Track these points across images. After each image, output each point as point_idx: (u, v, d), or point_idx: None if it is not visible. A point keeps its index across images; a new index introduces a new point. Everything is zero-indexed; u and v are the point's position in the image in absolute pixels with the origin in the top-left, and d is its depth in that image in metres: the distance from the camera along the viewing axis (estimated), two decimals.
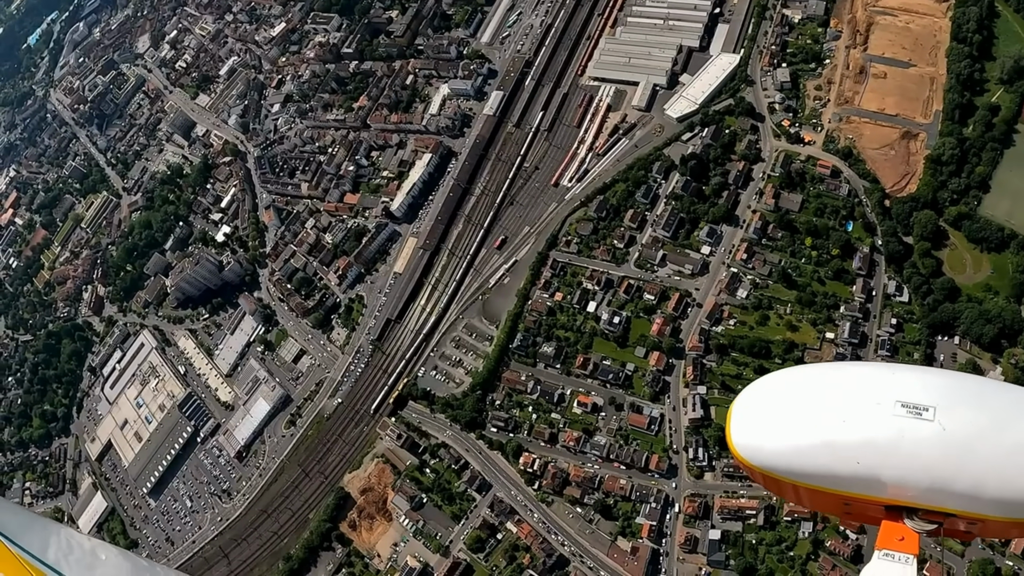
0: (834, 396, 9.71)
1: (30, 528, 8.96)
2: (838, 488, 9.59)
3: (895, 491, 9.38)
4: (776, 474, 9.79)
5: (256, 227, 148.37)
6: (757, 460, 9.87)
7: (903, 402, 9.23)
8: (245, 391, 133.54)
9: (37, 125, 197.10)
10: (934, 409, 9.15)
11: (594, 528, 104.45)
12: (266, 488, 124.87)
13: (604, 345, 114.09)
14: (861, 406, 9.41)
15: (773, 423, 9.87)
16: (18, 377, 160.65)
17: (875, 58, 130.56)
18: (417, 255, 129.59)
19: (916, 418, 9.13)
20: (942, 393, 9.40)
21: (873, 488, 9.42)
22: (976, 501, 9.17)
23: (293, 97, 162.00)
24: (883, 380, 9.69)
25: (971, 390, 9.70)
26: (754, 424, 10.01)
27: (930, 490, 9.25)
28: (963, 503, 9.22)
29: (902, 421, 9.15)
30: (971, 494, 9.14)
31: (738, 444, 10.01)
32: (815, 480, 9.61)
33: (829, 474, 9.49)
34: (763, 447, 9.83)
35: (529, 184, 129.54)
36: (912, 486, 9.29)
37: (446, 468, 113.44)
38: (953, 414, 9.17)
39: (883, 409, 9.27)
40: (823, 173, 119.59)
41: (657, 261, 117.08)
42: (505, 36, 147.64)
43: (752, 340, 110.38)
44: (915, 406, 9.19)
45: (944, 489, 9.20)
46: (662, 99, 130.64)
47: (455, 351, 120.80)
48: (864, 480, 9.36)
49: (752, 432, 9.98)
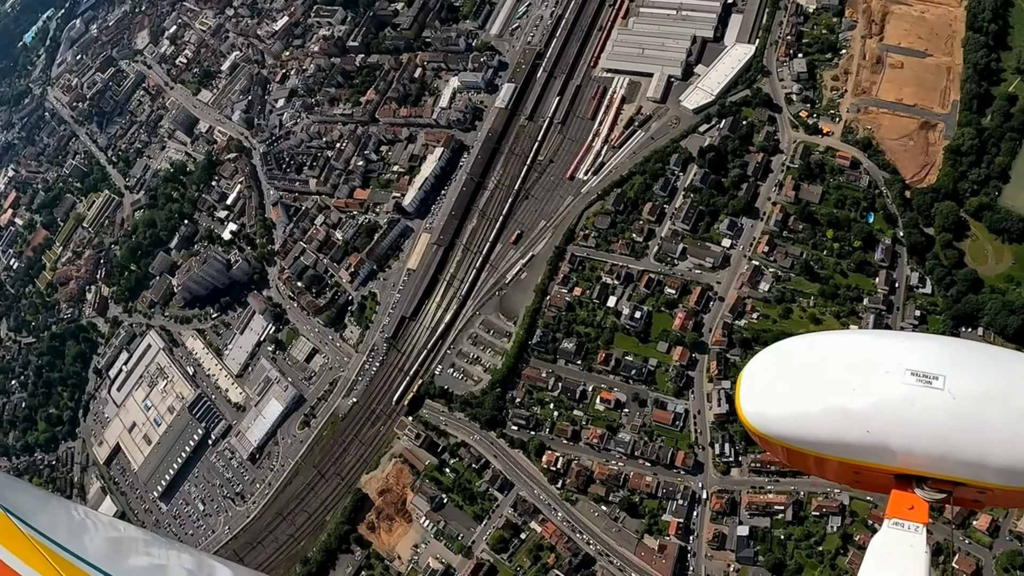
0: (844, 364, 9.59)
1: (43, 506, 8.64)
2: (848, 456, 9.54)
3: (904, 460, 9.35)
4: (785, 442, 9.75)
5: (264, 224, 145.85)
6: (766, 428, 9.80)
7: (913, 370, 9.14)
8: (257, 392, 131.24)
9: (35, 124, 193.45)
10: (944, 378, 9.07)
11: (620, 526, 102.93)
12: (281, 490, 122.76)
13: (625, 340, 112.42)
14: (871, 374, 9.31)
15: (782, 390, 9.77)
16: (22, 380, 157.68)
17: (891, 48, 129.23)
18: (431, 251, 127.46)
19: (926, 386, 9.06)
20: (952, 361, 9.31)
21: (882, 457, 9.38)
22: (985, 469, 9.13)
23: (298, 92, 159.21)
24: (893, 348, 9.56)
25: (981, 359, 9.56)
26: (763, 391, 9.93)
27: (939, 459, 9.22)
28: (972, 472, 9.20)
29: (912, 389, 9.07)
30: (980, 462, 9.10)
31: (747, 411, 9.93)
32: (824, 448, 9.57)
33: (839, 442, 9.43)
34: (772, 414, 9.75)
35: (544, 177, 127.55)
36: (921, 455, 9.26)
37: (466, 467, 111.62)
38: (963, 382, 9.10)
39: (893, 377, 9.17)
40: (842, 164, 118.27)
41: (677, 254, 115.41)
42: (515, 28, 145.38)
43: (776, 333, 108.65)
44: (925, 374, 9.10)
45: (953, 457, 9.17)
46: (677, 90, 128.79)
47: (472, 348, 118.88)
48: (873, 448, 9.32)
49: (761, 400, 9.90)
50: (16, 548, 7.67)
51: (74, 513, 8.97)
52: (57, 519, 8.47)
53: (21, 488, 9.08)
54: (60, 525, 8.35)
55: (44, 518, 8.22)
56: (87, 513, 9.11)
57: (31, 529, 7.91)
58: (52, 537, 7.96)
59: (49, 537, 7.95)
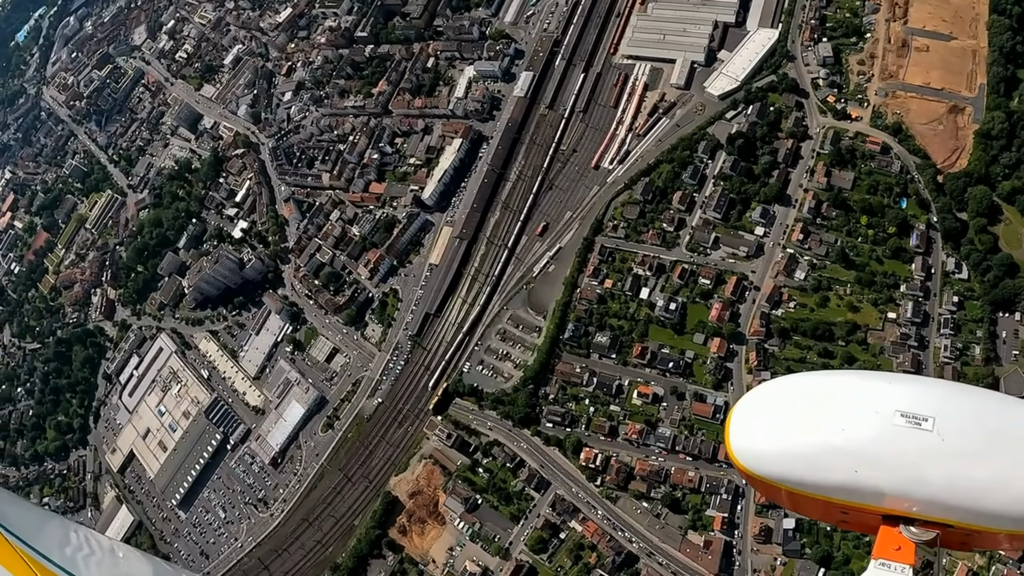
0: (833, 404, 9.57)
1: (43, 526, 8.72)
2: (835, 497, 9.48)
3: (892, 501, 9.32)
4: (774, 481, 9.72)
5: (276, 221, 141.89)
6: (756, 467, 9.77)
7: (902, 412, 9.12)
8: (276, 394, 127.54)
9: (31, 124, 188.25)
10: (933, 419, 9.05)
11: (663, 523, 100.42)
12: (305, 495, 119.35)
13: (660, 332, 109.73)
14: (860, 414, 9.30)
15: (771, 429, 9.77)
16: (28, 387, 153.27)
17: (916, 31, 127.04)
18: (453, 245, 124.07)
19: (915, 428, 9.04)
20: (942, 404, 9.27)
21: (870, 497, 9.35)
22: (973, 513, 9.08)
23: (306, 84, 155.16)
24: (882, 389, 9.55)
25: (971, 401, 9.53)
26: (753, 431, 9.90)
27: (927, 501, 9.17)
28: (960, 515, 9.13)
29: (901, 431, 9.06)
30: (968, 506, 9.04)
31: (737, 451, 9.88)
32: (813, 488, 9.53)
33: (827, 483, 9.41)
34: (762, 454, 9.75)
35: (568, 167, 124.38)
36: (909, 496, 9.21)
37: (500, 467, 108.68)
38: (952, 425, 9.06)
39: (882, 418, 9.17)
40: (873, 150, 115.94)
41: (710, 244, 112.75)
42: (529, 15, 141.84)
43: (815, 323, 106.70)
44: (914, 416, 9.08)
45: (941, 500, 9.11)
46: (700, 76, 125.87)
47: (501, 344, 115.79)
48: (861, 489, 9.29)
49: (751, 439, 9.87)
50: (14, 570, 7.64)
51: (73, 535, 8.87)
52: (54, 540, 8.45)
53: (19, 505, 9.01)
54: (57, 546, 8.35)
55: (43, 538, 8.28)
56: (90, 535, 9.03)
57: (29, 548, 7.93)
58: (49, 557, 8.03)
59: (46, 556, 8.00)
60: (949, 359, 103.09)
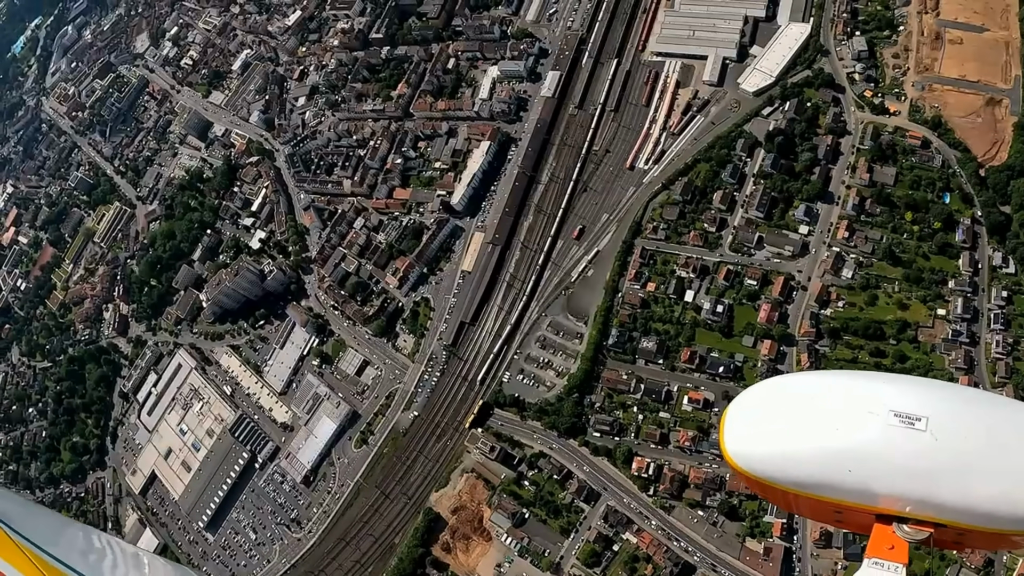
0: (827, 404, 9.62)
1: (62, 532, 8.64)
2: (829, 496, 9.50)
3: (885, 500, 9.35)
4: (768, 481, 9.75)
5: (295, 230, 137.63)
6: (750, 467, 9.81)
7: (896, 411, 9.17)
8: (305, 409, 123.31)
9: (32, 136, 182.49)
10: (927, 419, 9.08)
11: (720, 531, 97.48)
12: (341, 514, 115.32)
13: (708, 336, 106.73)
14: (854, 414, 9.34)
15: (766, 430, 9.81)
16: (40, 408, 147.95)
17: (948, 23, 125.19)
18: (486, 251, 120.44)
19: (909, 428, 9.08)
20: (935, 404, 9.30)
21: (863, 497, 9.38)
22: (965, 513, 9.09)
23: (320, 89, 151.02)
24: (876, 389, 9.58)
25: (964, 402, 9.59)
26: (747, 430, 9.94)
27: (920, 500, 9.19)
28: (952, 514, 9.15)
29: (895, 430, 9.10)
30: (961, 506, 9.05)
31: (731, 451, 9.89)
32: (806, 488, 9.56)
33: (820, 482, 9.43)
34: (756, 454, 9.79)
35: (602, 168, 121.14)
36: (902, 496, 9.23)
37: (547, 479, 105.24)
38: (945, 425, 9.09)
39: (876, 418, 9.20)
40: (914, 144, 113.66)
41: (754, 244, 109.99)
42: (552, 12, 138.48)
43: (865, 322, 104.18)
44: (908, 416, 9.12)
45: (933, 499, 9.13)
46: (733, 73, 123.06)
47: (542, 352, 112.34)
48: (855, 488, 9.32)
49: (745, 439, 9.90)
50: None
51: (95, 540, 8.78)
52: (75, 546, 8.35)
53: (39, 513, 8.80)
54: (78, 553, 8.19)
55: (62, 545, 8.14)
56: (110, 542, 8.86)
57: (51, 557, 7.74)
58: (71, 564, 7.82)
59: (66, 563, 7.80)
60: (1001, 354, 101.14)
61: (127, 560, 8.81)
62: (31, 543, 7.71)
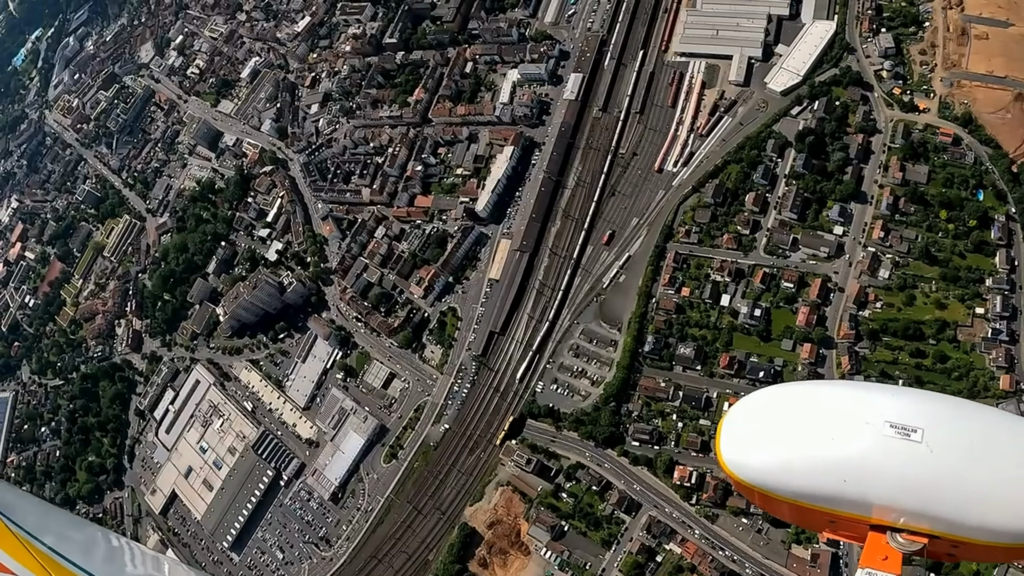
0: (823, 414, 9.59)
1: (80, 531, 8.57)
2: (823, 505, 9.48)
3: (879, 511, 9.31)
4: (764, 489, 9.71)
5: (314, 241, 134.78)
6: (745, 475, 9.77)
7: (892, 422, 9.12)
8: (331, 424, 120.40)
9: (36, 150, 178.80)
10: (922, 431, 9.05)
11: (766, 539, 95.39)
12: (371, 531, 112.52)
13: (745, 340, 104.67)
14: (850, 424, 9.30)
15: (762, 439, 9.79)
16: (54, 427, 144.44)
17: (973, 18, 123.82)
18: (514, 258, 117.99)
19: (904, 439, 9.03)
20: (931, 415, 9.27)
21: (858, 507, 9.33)
22: (959, 525, 9.05)
23: (333, 95, 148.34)
24: (873, 400, 9.53)
25: (961, 414, 9.50)
26: (743, 440, 9.92)
27: (914, 512, 9.16)
28: (946, 526, 9.10)
29: (890, 441, 9.06)
30: (954, 517, 9.02)
31: (727, 459, 9.89)
32: (801, 497, 9.54)
33: (815, 491, 9.42)
34: (751, 463, 9.76)
35: (629, 172, 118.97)
36: (896, 506, 9.19)
37: (585, 490, 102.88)
38: (941, 436, 9.07)
39: (872, 428, 9.16)
40: (945, 141, 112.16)
41: (788, 245, 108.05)
42: (570, 14, 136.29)
43: (904, 323, 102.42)
44: (903, 427, 9.08)
45: (928, 511, 9.09)
46: (759, 72, 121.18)
47: (575, 360, 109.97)
48: (849, 499, 9.29)
49: (741, 447, 9.89)
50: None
51: (115, 541, 8.76)
52: (97, 550, 8.25)
53: (59, 517, 8.72)
54: (101, 559, 8.08)
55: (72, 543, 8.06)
56: (127, 544, 8.83)
57: (68, 562, 7.73)
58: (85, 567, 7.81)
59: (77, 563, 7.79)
60: None
61: (146, 561, 8.87)
62: (47, 546, 7.67)
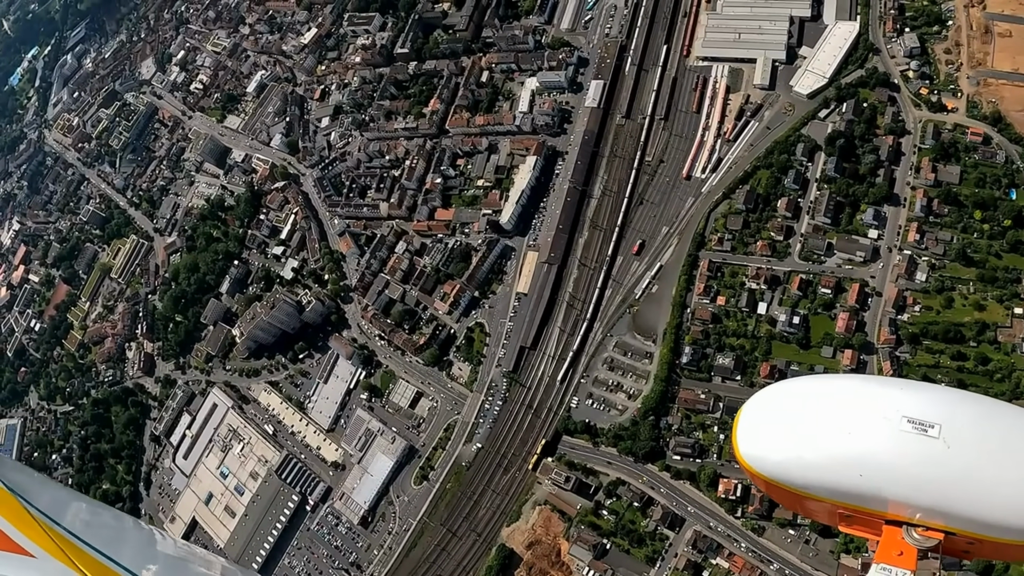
0: (840, 408, 9.54)
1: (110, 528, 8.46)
2: (839, 500, 9.46)
3: (895, 507, 9.27)
4: (780, 483, 9.69)
5: (331, 257, 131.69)
6: (762, 469, 9.76)
7: (909, 418, 9.02)
8: (357, 446, 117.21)
9: (36, 170, 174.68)
10: (940, 426, 8.95)
11: (815, 549, 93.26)
12: (404, 554, 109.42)
13: (784, 349, 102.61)
14: (867, 419, 9.23)
15: (779, 433, 9.75)
16: (65, 454, 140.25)
17: (995, 16, 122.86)
18: (541, 271, 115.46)
19: (921, 434, 8.94)
20: (949, 411, 9.19)
21: (874, 502, 9.29)
22: (975, 522, 8.96)
23: (344, 108, 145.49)
24: (891, 395, 9.45)
25: (979, 410, 9.38)
26: (760, 433, 9.88)
27: (930, 508, 9.08)
28: (962, 523, 9.02)
29: (907, 436, 8.98)
30: (971, 514, 8.93)
31: (744, 452, 9.86)
32: (817, 491, 9.51)
33: (831, 486, 9.38)
34: (768, 456, 9.73)
35: (657, 179, 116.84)
36: (912, 502, 9.13)
37: (627, 507, 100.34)
38: (959, 433, 8.96)
39: (889, 424, 9.08)
40: (975, 141, 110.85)
41: (823, 251, 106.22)
42: (587, 20, 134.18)
43: (944, 326, 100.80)
44: (921, 422, 8.98)
45: (944, 508, 9.01)
46: (784, 75, 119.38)
47: (610, 374, 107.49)
48: (866, 493, 9.24)
49: (758, 441, 9.85)
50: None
51: (153, 536, 8.76)
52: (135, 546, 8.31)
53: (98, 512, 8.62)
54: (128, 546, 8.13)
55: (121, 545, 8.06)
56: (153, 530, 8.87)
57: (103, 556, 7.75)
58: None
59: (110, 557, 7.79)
60: None
61: (177, 546, 8.98)
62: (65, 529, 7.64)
